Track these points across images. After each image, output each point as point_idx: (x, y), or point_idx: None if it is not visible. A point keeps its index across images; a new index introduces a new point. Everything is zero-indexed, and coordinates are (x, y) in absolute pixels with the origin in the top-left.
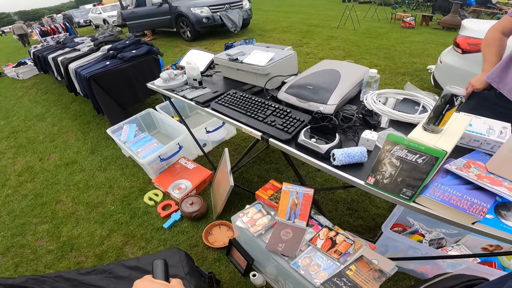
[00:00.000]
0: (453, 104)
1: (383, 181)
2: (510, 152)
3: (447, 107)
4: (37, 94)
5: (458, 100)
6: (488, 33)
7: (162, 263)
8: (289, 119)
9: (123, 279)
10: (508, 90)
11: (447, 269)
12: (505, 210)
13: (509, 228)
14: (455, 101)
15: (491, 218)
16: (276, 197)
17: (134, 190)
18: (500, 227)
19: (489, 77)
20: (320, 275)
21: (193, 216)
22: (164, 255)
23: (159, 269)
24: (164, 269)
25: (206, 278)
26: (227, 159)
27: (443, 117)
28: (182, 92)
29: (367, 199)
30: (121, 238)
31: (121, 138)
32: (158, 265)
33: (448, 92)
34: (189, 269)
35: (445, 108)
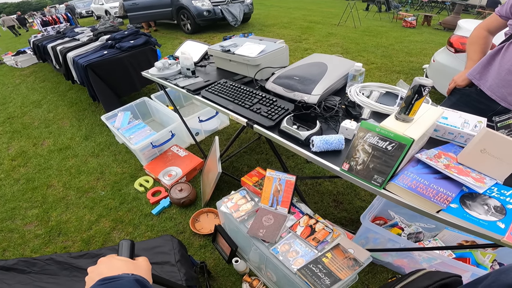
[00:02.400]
0: (421, 94)
1: (357, 167)
2: (479, 144)
3: (415, 97)
4: (35, 82)
5: (425, 91)
6: (473, 31)
7: (128, 243)
8: (274, 107)
9: None
10: (488, 87)
11: (423, 263)
12: (471, 201)
13: (472, 218)
14: (423, 91)
15: (455, 208)
16: (261, 184)
17: (125, 176)
18: (463, 217)
19: (470, 74)
20: (297, 261)
21: (182, 203)
22: (157, 242)
23: (124, 247)
24: (130, 248)
25: (197, 267)
26: (217, 146)
27: (413, 107)
28: (175, 80)
29: (353, 191)
30: (109, 223)
31: (114, 125)
32: (124, 244)
33: (416, 83)
34: (180, 256)
35: (414, 98)
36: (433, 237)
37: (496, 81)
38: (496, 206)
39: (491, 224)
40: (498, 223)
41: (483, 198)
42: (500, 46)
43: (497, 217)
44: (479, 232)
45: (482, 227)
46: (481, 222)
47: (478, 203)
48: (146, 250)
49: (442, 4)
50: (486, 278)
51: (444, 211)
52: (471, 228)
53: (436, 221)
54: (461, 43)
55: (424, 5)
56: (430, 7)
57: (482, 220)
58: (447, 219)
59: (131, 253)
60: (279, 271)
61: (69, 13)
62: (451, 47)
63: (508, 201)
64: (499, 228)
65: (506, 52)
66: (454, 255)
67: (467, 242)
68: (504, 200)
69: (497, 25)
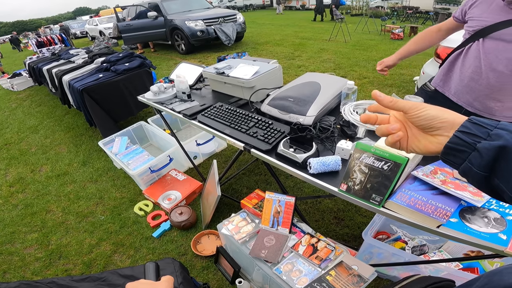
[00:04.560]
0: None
1: (354, 188)
2: None
3: None
4: (31, 106)
5: None
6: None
7: (154, 265)
8: (270, 130)
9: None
10: (453, 94)
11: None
12: (470, 214)
13: (473, 231)
14: None
15: (455, 222)
16: (260, 206)
17: (124, 201)
18: (464, 230)
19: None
20: (301, 281)
21: (182, 226)
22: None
23: (150, 270)
24: (156, 270)
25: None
26: (215, 170)
27: None
28: (171, 105)
29: (353, 208)
30: (110, 246)
31: (112, 150)
32: (150, 267)
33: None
34: (182, 279)
35: None
36: (438, 248)
37: (459, 88)
38: (496, 218)
39: (492, 236)
40: (500, 235)
41: (482, 211)
42: (459, 51)
43: (498, 229)
44: (481, 244)
45: (484, 239)
46: (482, 235)
47: (478, 216)
48: None
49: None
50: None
51: (445, 226)
52: (473, 241)
53: (438, 236)
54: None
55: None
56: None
57: (483, 233)
58: (448, 233)
59: (156, 275)
60: None
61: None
62: (439, 58)
63: (507, 212)
64: (501, 239)
65: (465, 59)
66: (461, 265)
67: (473, 252)
68: (503, 212)
69: (450, 26)
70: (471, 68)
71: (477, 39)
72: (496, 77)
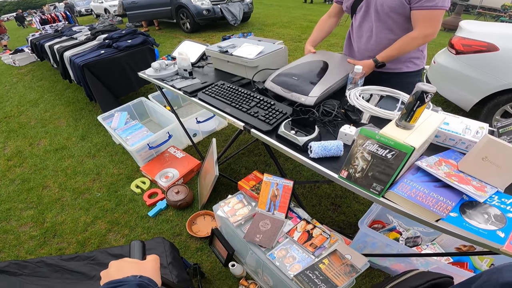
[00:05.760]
0: (424, 101)
1: (355, 175)
2: (481, 151)
3: (417, 103)
4: (32, 81)
5: (428, 97)
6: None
7: (140, 244)
8: (272, 111)
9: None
10: (358, 58)
11: (420, 268)
12: (471, 209)
13: (471, 227)
14: (425, 98)
15: (454, 216)
16: (258, 188)
17: (121, 178)
18: (462, 226)
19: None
20: (294, 267)
21: (178, 205)
22: (149, 244)
23: (136, 249)
24: (141, 249)
25: (191, 269)
26: (214, 149)
27: (414, 114)
28: (172, 81)
29: (351, 195)
30: (105, 225)
31: (111, 125)
32: (135, 245)
33: (419, 89)
34: (172, 259)
35: (416, 104)
36: (431, 241)
37: (361, 57)
38: (496, 215)
39: (490, 233)
40: (498, 232)
41: (483, 206)
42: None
43: (497, 226)
44: (478, 241)
45: (481, 236)
46: (480, 231)
47: (478, 212)
48: None
49: None
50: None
51: (444, 220)
52: (470, 237)
53: (435, 229)
54: (462, 45)
55: None
56: None
57: (481, 229)
58: (446, 228)
59: (142, 253)
60: (275, 276)
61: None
62: (452, 49)
63: (508, 209)
64: (498, 237)
65: (355, 35)
66: (452, 259)
67: (465, 247)
68: (504, 208)
69: (336, 10)
70: (362, 43)
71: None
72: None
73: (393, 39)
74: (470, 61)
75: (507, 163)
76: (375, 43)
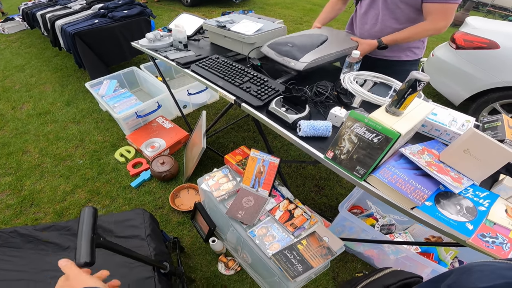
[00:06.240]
0: (416, 89)
1: (341, 157)
2: (464, 143)
3: (409, 91)
4: (20, 48)
5: (420, 86)
6: None
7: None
8: (265, 87)
9: None
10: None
11: (391, 255)
12: (445, 199)
13: (443, 217)
14: (417, 86)
15: (429, 206)
16: (244, 163)
17: (106, 145)
18: (434, 215)
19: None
20: (273, 246)
21: (163, 176)
22: (128, 215)
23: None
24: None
25: (170, 242)
26: (204, 121)
27: (405, 101)
28: (166, 52)
29: (335, 178)
30: (85, 194)
31: (99, 92)
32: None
33: (412, 77)
34: (151, 231)
35: (407, 92)
36: (404, 230)
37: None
38: (468, 207)
39: (460, 225)
40: (467, 224)
41: (457, 198)
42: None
43: (467, 218)
44: (447, 231)
45: (451, 227)
46: (451, 222)
47: (451, 203)
48: (117, 223)
49: None
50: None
51: (418, 208)
52: (440, 227)
53: (409, 217)
54: (464, 40)
55: None
56: None
57: (452, 220)
58: (419, 216)
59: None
60: (254, 254)
61: None
62: (453, 43)
63: (481, 203)
64: (467, 229)
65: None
66: (420, 249)
67: (434, 238)
68: (477, 201)
69: None
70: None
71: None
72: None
73: (397, 28)
74: (469, 57)
75: (487, 157)
76: (379, 30)
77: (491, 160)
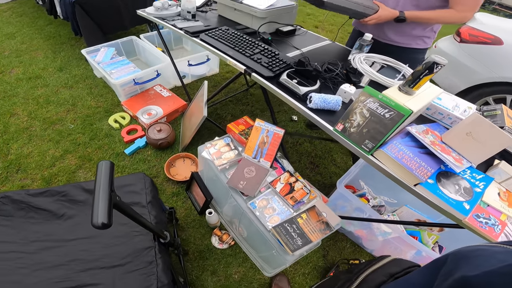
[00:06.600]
0: (432, 71)
1: (350, 130)
2: (467, 126)
3: (425, 72)
4: (11, 17)
5: (437, 68)
6: None
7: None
8: (276, 60)
9: (77, 204)
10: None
11: (379, 236)
12: (445, 179)
13: (443, 195)
14: (434, 69)
15: (431, 183)
16: (247, 133)
17: (99, 111)
18: (436, 193)
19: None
20: (273, 219)
21: (159, 144)
22: (129, 179)
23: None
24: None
25: (166, 212)
26: (205, 90)
27: (420, 81)
28: (173, 21)
29: (330, 156)
30: (76, 160)
31: (96, 59)
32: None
33: (431, 60)
34: (152, 197)
35: (423, 73)
36: (393, 212)
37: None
38: (466, 187)
39: (458, 204)
40: (464, 204)
41: (456, 178)
42: None
43: (464, 198)
44: (445, 209)
45: (450, 205)
46: (450, 201)
47: (451, 182)
48: (117, 188)
49: None
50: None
51: (421, 185)
52: (440, 204)
53: (411, 194)
54: (469, 34)
55: None
56: None
57: (451, 199)
58: (421, 193)
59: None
60: (252, 226)
61: None
62: (458, 37)
63: (477, 184)
64: (464, 208)
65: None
66: (406, 232)
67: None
68: (473, 183)
69: None
70: None
71: None
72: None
73: None
74: (471, 51)
75: (487, 141)
76: None
77: (490, 144)
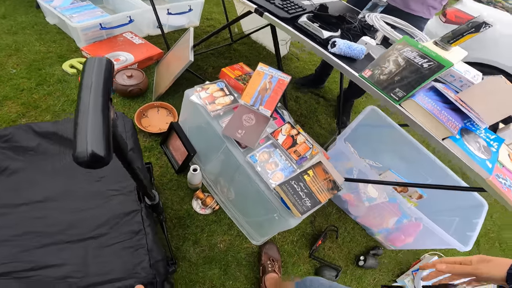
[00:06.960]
0: (478, 30)
1: (380, 77)
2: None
3: (471, 30)
4: None
5: (485, 28)
6: None
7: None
8: (291, 3)
9: (27, 153)
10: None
11: (365, 202)
12: (467, 135)
13: (470, 151)
14: (481, 28)
15: (458, 138)
16: (244, 79)
17: (50, 56)
18: (464, 149)
19: None
20: (276, 176)
21: (129, 91)
22: None
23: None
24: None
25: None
26: (191, 36)
27: (461, 38)
28: None
29: (315, 117)
30: (18, 108)
31: (52, 4)
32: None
33: (480, 19)
34: (133, 144)
35: (468, 31)
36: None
37: None
38: (484, 146)
39: (483, 161)
40: (487, 162)
41: (475, 135)
42: None
43: (486, 156)
44: (471, 167)
45: (477, 162)
46: (476, 158)
47: (472, 139)
48: None
49: None
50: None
51: (451, 139)
52: (467, 161)
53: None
54: (455, 16)
55: None
56: None
57: (476, 156)
58: (450, 147)
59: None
60: (248, 185)
61: None
62: (443, 17)
63: (491, 144)
64: (487, 166)
65: None
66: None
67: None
68: (488, 142)
69: None
70: None
71: None
72: None
73: None
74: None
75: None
76: None
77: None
